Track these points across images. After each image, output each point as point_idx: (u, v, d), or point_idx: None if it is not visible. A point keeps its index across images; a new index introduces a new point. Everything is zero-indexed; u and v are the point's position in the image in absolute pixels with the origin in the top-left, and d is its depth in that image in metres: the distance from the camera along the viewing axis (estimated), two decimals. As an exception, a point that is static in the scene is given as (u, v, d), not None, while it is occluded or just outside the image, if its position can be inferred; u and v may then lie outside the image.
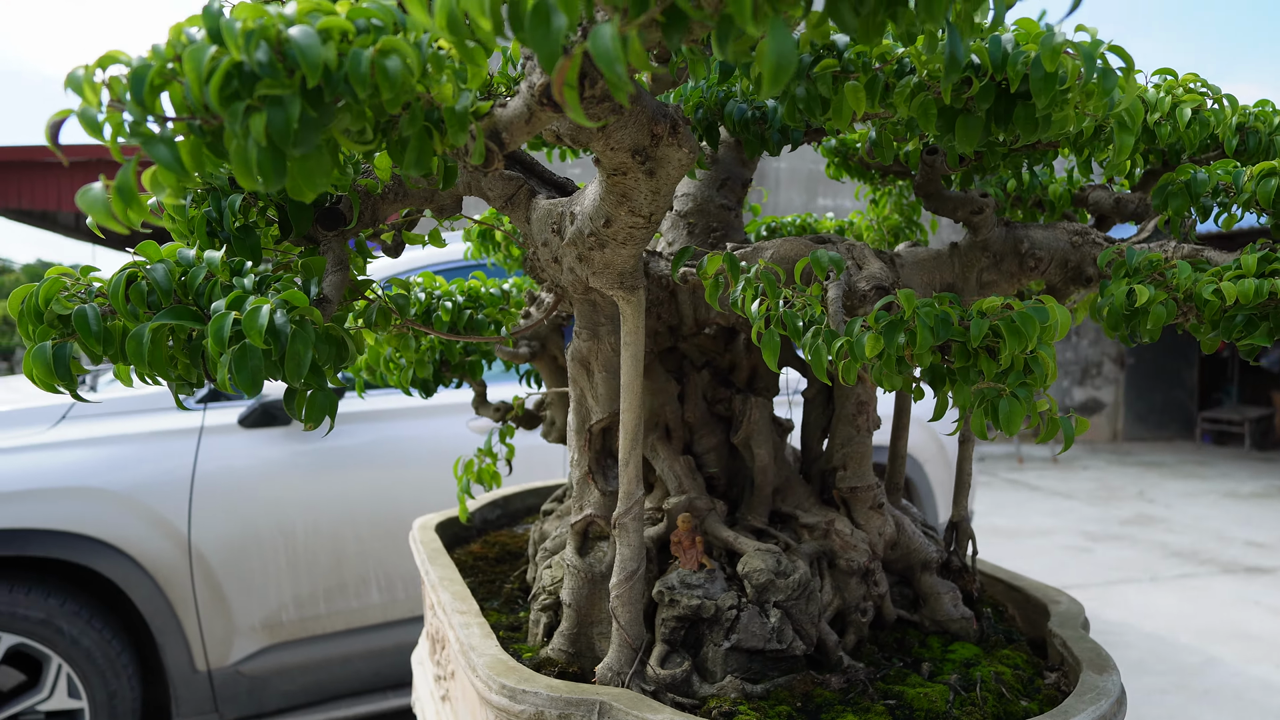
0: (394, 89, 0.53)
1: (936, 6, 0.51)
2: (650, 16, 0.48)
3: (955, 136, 0.73)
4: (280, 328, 0.71)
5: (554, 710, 0.91)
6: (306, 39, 0.49)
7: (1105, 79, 0.65)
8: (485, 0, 0.45)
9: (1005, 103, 0.73)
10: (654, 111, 0.77)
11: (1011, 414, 0.81)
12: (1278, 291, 0.86)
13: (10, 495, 2.31)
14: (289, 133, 0.50)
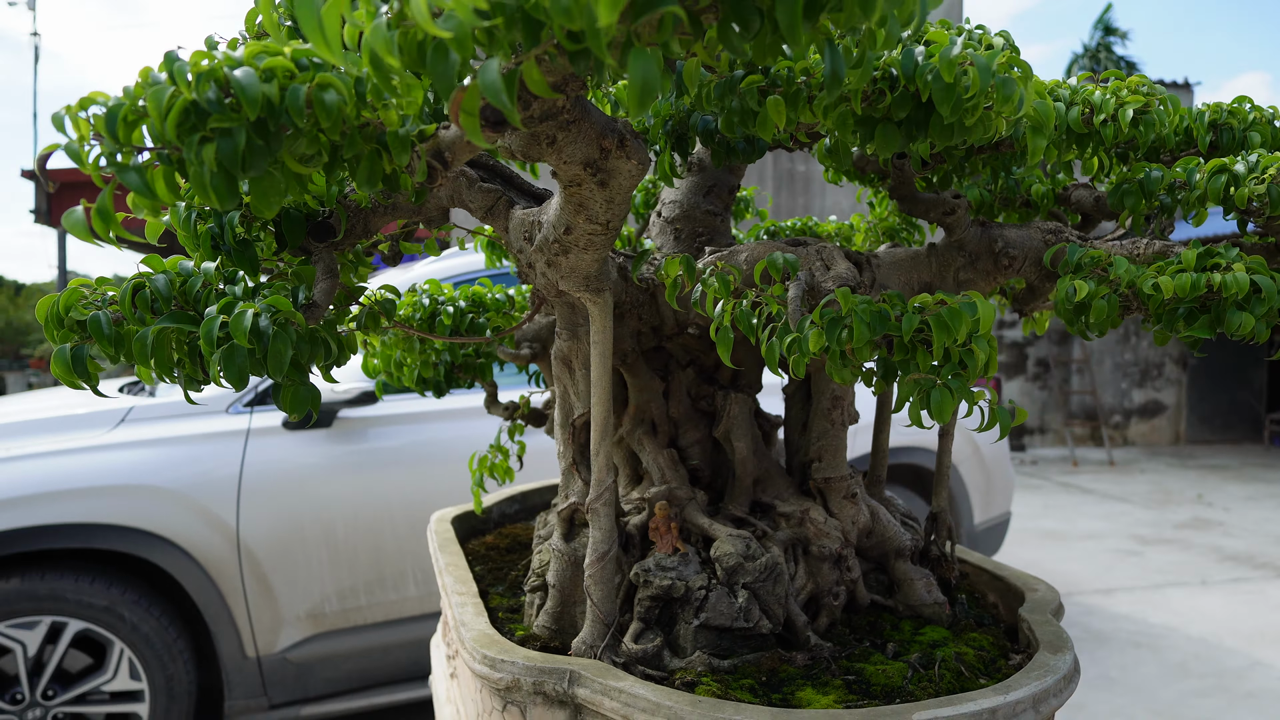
0: (331, 118, 0.61)
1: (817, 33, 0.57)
2: (544, 49, 0.55)
3: (875, 144, 0.79)
4: (263, 329, 0.80)
5: (529, 678, 0.99)
6: (247, 79, 0.57)
7: (1004, 87, 0.70)
8: (392, 42, 0.53)
9: (923, 111, 0.78)
10: (602, 127, 0.85)
11: (943, 403, 0.86)
12: (1214, 285, 0.89)
13: (76, 492, 2.49)
14: (237, 159, 0.59)
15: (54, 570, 2.49)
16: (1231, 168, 0.99)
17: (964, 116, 0.74)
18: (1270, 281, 0.89)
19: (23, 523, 2.43)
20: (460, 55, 0.52)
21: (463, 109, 0.55)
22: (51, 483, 2.47)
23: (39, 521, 2.44)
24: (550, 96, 0.58)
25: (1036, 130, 0.76)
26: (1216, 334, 0.92)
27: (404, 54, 0.54)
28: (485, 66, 0.53)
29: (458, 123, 0.55)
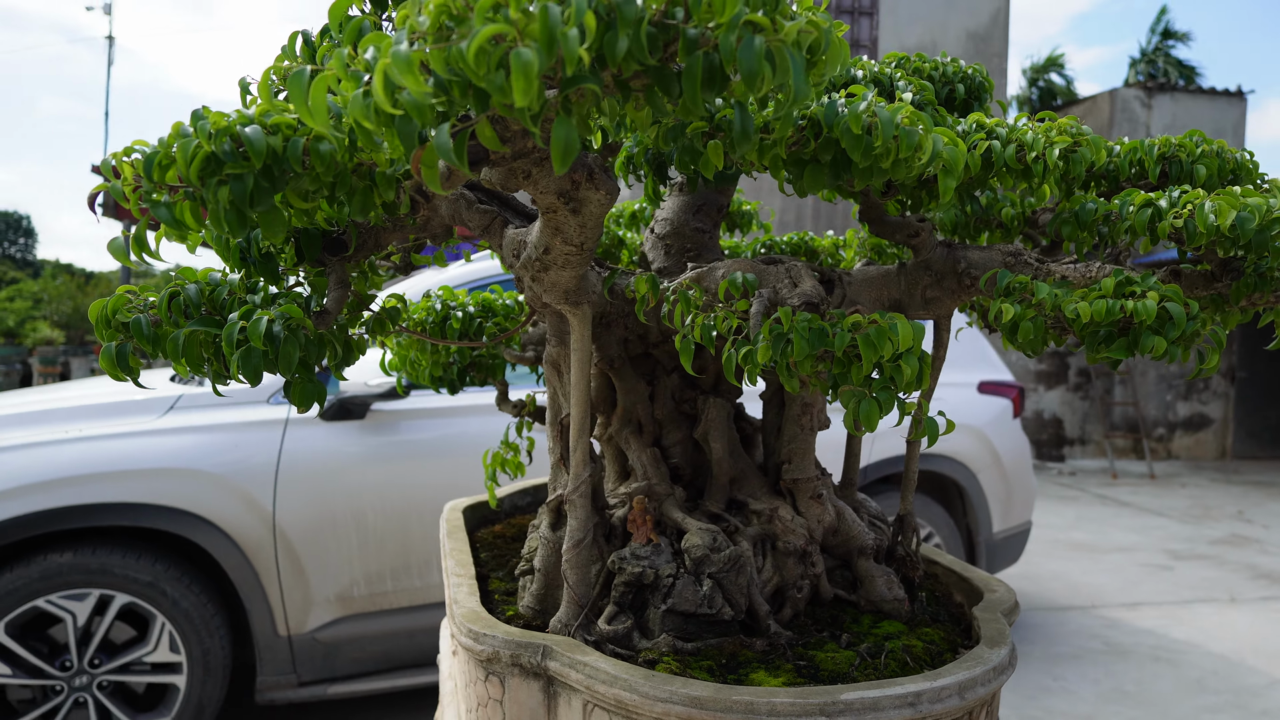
0: (325, 164, 0.73)
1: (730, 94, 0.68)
2: (491, 114, 0.67)
3: (805, 182, 0.89)
4: (276, 334, 0.93)
5: (507, 650, 1.11)
6: (254, 134, 0.70)
7: (908, 137, 0.80)
8: (368, 110, 0.65)
9: (845, 155, 0.88)
10: (573, 162, 0.96)
11: (870, 413, 0.95)
12: (1128, 311, 0.98)
13: (126, 474, 2.68)
14: (246, 198, 0.71)
15: (104, 546, 2.69)
16: (1156, 202, 1.07)
17: (879, 160, 0.83)
18: (1180, 309, 0.97)
19: (77, 500, 2.62)
20: (419, 121, 0.64)
21: (423, 163, 0.66)
22: (105, 464, 2.67)
23: (92, 500, 2.64)
24: (500, 149, 0.69)
25: (947, 172, 0.85)
26: (1133, 354, 1.00)
27: (379, 118, 0.66)
28: (439, 131, 0.65)
29: (418, 176, 0.67)
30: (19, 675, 2.61)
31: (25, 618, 2.63)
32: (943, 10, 9.24)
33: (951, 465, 3.79)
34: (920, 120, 0.81)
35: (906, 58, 1.47)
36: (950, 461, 3.79)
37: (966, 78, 1.44)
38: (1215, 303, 1.22)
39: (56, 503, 2.61)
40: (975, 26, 9.30)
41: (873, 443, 3.66)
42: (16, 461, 2.62)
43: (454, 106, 0.66)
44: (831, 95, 0.85)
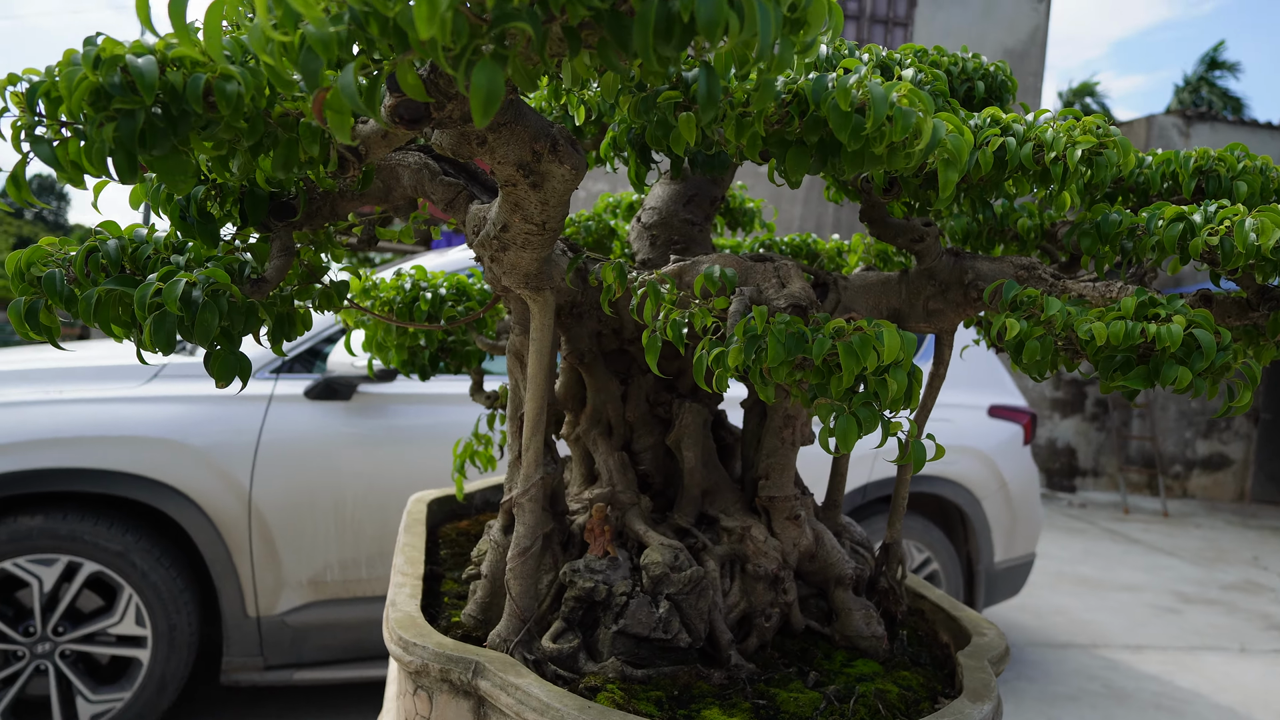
0: (231, 107, 0.64)
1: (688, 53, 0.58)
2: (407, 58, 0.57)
3: (786, 166, 0.78)
4: (195, 299, 0.84)
5: (436, 664, 1.01)
6: (146, 65, 0.60)
7: (904, 118, 0.69)
8: (265, 43, 0.56)
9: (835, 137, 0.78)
10: (536, 130, 0.86)
11: (847, 431, 0.85)
12: (1149, 335, 0.87)
13: (102, 440, 2.61)
14: (135, 138, 0.62)
15: (75, 512, 2.62)
16: (1190, 216, 0.96)
17: (871, 145, 0.73)
18: (1209, 337, 0.86)
19: (50, 464, 2.55)
20: (324, 57, 0.55)
21: (327, 108, 0.57)
22: (81, 428, 2.60)
23: (65, 464, 2.57)
24: (424, 99, 0.59)
25: (949, 164, 0.74)
26: (1152, 385, 0.89)
27: (284, 53, 0.56)
28: (344, 71, 0.55)
29: (321, 120, 0.57)
30: (-19, 638, 2.55)
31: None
32: (979, 24, 9.07)
33: (955, 490, 3.66)
34: (920, 101, 0.70)
35: (924, 49, 1.36)
36: (954, 486, 3.66)
37: (988, 74, 1.33)
38: (1249, 335, 1.11)
39: (28, 465, 2.54)
40: (1013, 43, 9.11)
41: (874, 461, 3.54)
42: (-9, 420, 2.56)
43: (373, 45, 0.56)
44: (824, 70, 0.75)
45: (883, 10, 9.15)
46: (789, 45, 0.65)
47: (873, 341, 0.83)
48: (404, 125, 0.75)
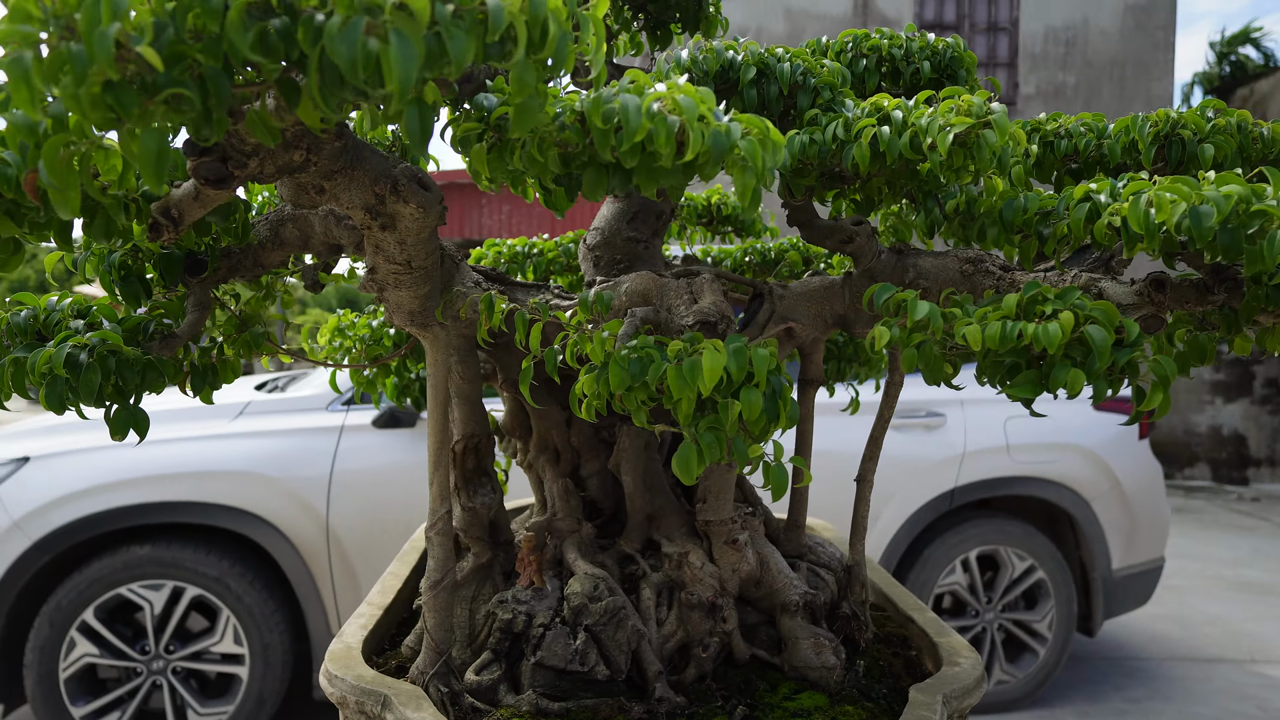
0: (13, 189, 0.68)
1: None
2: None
3: (584, 190, 0.75)
4: (80, 362, 0.90)
5: (353, 696, 1.04)
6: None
7: (665, 128, 0.65)
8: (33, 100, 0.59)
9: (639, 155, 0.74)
10: (376, 172, 0.88)
11: (687, 460, 0.81)
12: (1027, 336, 0.78)
13: (199, 474, 2.84)
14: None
15: (178, 541, 2.86)
16: (1096, 195, 0.85)
17: (654, 159, 0.69)
18: (1104, 334, 0.76)
19: (155, 498, 2.80)
20: (29, 141, 0.58)
21: (41, 185, 0.60)
22: (179, 464, 2.84)
23: (168, 498, 2.81)
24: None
25: (744, 169, 0.69)
26: (1041, 392, 0.80)
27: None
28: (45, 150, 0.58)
29: (35, 198, 0.60)
30: (106, 655, 2.82)
31: (111, 604, 2.84)
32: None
33: (1058, 491, 3.39)
34: (702, 105, 0.66)
35: (866, 34, 1.28)
36: (1056, 487, 3.39)
37: (935, 53, 1.23)
38: (1226, 320, 0.97)
39: (137, 499, 2.80)
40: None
41: (961, 463, 3.33)
42: (105, 460, 2.84)
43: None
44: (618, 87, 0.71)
45: (982, 17, 8.67)
46: (529, 70, 0.63)
47: (701, 365, 0.78)
48: (211, 186, 0.77)
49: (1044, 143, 1.09)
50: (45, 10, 0.50)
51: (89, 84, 0.51)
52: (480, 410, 1.21)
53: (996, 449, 3.37)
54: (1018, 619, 3.42)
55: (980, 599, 3.39)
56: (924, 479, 3.31)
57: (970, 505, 3.46)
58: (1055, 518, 3.57)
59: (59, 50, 0.50)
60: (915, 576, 3.34)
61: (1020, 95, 8.89)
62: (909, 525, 3.30)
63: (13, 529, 2.72)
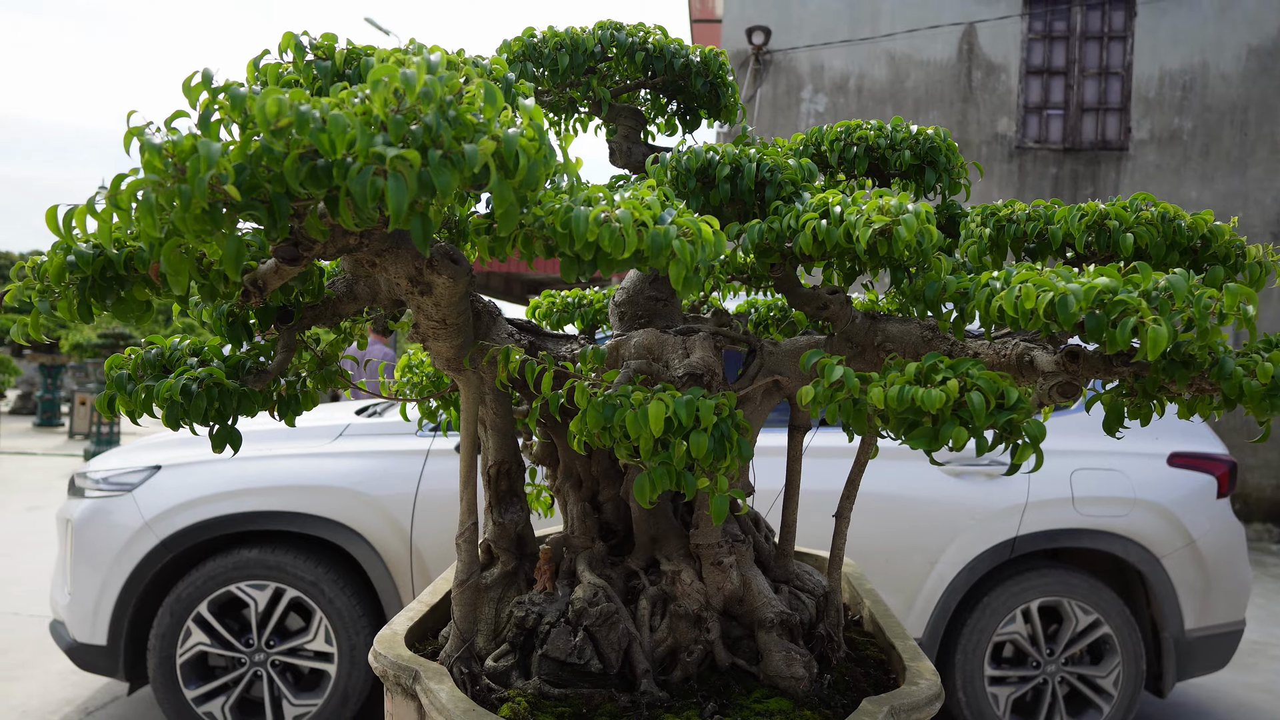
0: (147, 269, 0.95)
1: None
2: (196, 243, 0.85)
3: (562, 273, 0.96)
4: (191, 391, 1.17)
5: (392, 670, 1.27)
6: (78, 252, 0.93)
7: (610, 234, 0.86)
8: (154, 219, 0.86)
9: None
10: (416, 250, 1.12)
11: (643, 487, 1.00)
12: (916, 399, 0.94)
13: (302, 488, 3.19)
14: (86, 295, 0.95)
15: (280, 546, 3.20)
16: (993, 280, 1.00)
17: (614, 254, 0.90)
18: (979, 399, 0.92)
19: (264, 507, 3.17)
20: (146, 243, 0.84)
21: (163, 271, 0.86)
22: (285, 479, 3.19)
23: (274, 508, 3.17)
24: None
25: (677, 262, 0.89)
26: (935, 445, 0.95)
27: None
28: (163, 248, 0.84)
29: (158, 280, 0.86)
30: (215, 645, 3.18)
31: (222, 599, 3.20)
32: (1214, 25, 8.14)
33: (1125, 546, 3.35)
34: (646, 213, 0.87)
35: (859, 124, 1.45)
36: (1124, 541, 3.35)
37: (917, 143, 1.40)
38: (1142, 388, 1.10)
39: (248, 508, 3.17)
40: (1259, 41, 8.07)
41: (1024, 512, 3.35)
42: (224, 471, 3.23)
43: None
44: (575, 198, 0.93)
45: (1096, 26, 8.51)
46: (506, 190, 0.85)
47: (647, 413, 0.98)
48: (286, 263, 1.03)
49: (997, 226, 1.24)
50: (166, 162, 0.75)
51: (191, 210, 0.76)
52: (511, 440, 1.44)
53: (1061, 500, 3.37)
54: (1081, 673, 3.38)
55: (1042, 650, 3.38)
56: (984, 526, 3.34)
57: (1033, 555, 3.46)
58: (1124, 573, 3.52)
59: (172, 189, 0.75)
60: (973, 623, 3.36)
61: (1133, 140, 8.66)
62: (967, 572, 3.34)
63: (144, 528, 3.13)
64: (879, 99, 9.56)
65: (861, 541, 3.30)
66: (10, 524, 6.93)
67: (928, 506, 3.35)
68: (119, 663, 3.17)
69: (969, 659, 3.36)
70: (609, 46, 1.43)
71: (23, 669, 3.97)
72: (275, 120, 0.73)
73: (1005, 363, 1.15)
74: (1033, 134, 8.97)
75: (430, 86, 0.77)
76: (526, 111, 0.87)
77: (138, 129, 0.79)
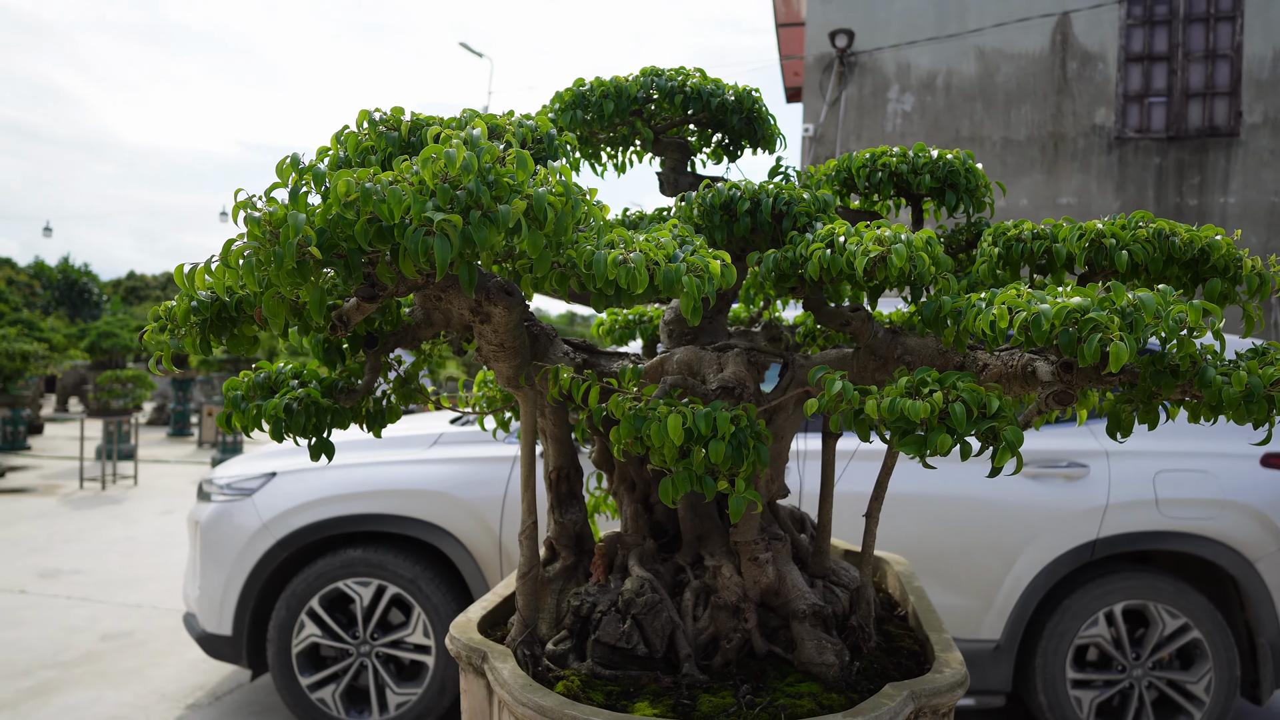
0: (251, 311, 1.16)
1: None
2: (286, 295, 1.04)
3: (592, 304, 1.11)
4: (292, 409, 1.38)
5: (464, 651, 1.45)
6: (202, 298, 1.14)
7: (626, 272, 1.00)
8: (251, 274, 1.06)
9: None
10: (477, 285, 1.30)
11: (668, 488, 1.15)
12: (905, 410, 1.05)
13: (401, 492, 3.45)
14: (206, 331, 1.16)
15: (382, 546, 3.48)
16: (982, 301, 1.10)
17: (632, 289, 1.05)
18: (960, 409, 1.02)
19: (367, 510, 3.45)
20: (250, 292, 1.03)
21: (265, 314, 1.05)
22: (386, 483, 3.47)
23: (377, 510, 3.44)
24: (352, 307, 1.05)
25: (687, 295, 1.03)
26: (922, 452, 1.06)
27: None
28: (264, 302, 1.03)
29: (261, 324, 1.06)
30: (326, 637, 3.48)
31: (332, 595, 3.50)
32: (1334, 0, 7.67)
33: (1215, 549, 3.27)
34: (659, 253, 1.01)
35: (885, 150, 1.56)
36: (1214, 544, 3.27)
37: (936, 167, 1.49)
38: (1139, 397, 1.18)
39: (353, 510, 3.46)
40: (1385, 13, 7.55)
41: (1104, 514, 3.31)
42: (331, 478, 3.53)
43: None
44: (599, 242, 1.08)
45: (1201, 8, 8.13)
46: (537, 239, 1.01)
47: (665, 425, 1.12)
48: (365, 302, 1.22)
49: (1006, 245, 1.33)
50: (264, 229, 0.94)
51: (284, 267, 0.94)
52: (569, 448, 1.60)
53: (1144, 502, 3.32)
54: (1171, 678, 3.31)
55: (1127, 654, 3.33)
56: (1062, 529, 3.32)
57: (1116, 558, 3.41)
58: (1215, 577, 3.43)
59: (269, 250, 0.94)
60: (1053, 626, 3.34)
61: (1244, 125, 8.23)
62: (1045, 574, 3.32)
63: (263, 529, 3.46)
64: (968, 96, 9.39)
65: (937, 543, 3.34)
66: (149, 526, 7.60)
67: (1004, 508, 3.35)
68: (242, 651, 3.50)
69: (1050, 661, 3.34)
70: (649, 91, 1.58)
71: (161, 656, 4.40)
72: (345, 196, 0.91)
73: (1011, 373, 1.24)
74: (1133, 123, 8.64)
75: (469, 161, 0.94)
76: (554, 172, 1.03)
77: (244, 203, 0.99)
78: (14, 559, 6.34)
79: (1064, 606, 3.35)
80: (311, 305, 0.99)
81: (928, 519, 3.36)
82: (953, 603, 3.35)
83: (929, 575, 3.35)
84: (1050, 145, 9.17)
